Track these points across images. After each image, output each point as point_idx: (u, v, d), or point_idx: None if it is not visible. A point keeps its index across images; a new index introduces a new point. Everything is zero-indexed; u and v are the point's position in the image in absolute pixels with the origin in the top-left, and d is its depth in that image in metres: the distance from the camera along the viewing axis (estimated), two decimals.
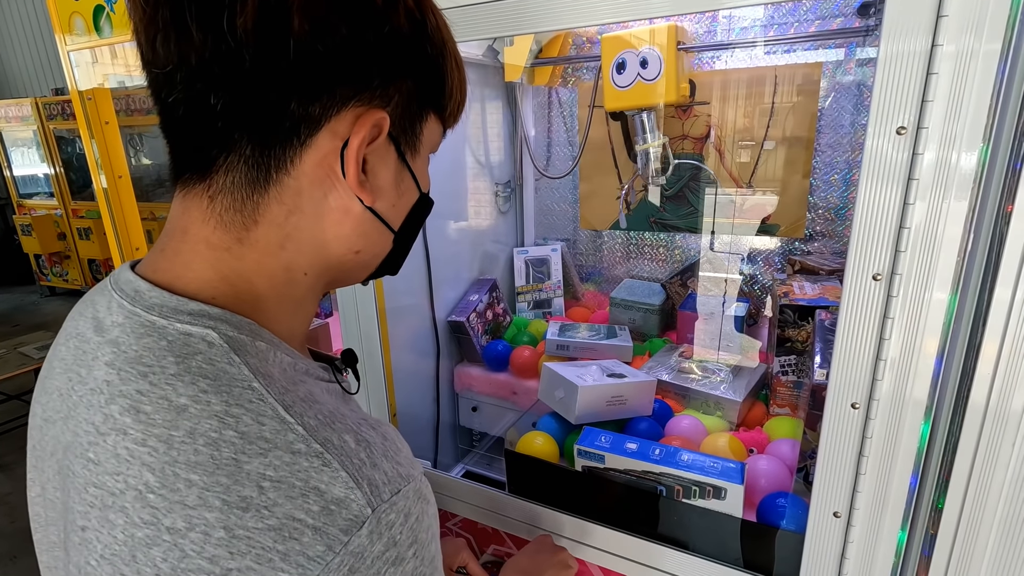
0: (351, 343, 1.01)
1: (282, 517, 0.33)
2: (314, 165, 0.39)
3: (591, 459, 0.86)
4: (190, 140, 0.38)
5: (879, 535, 0.66)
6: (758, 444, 0.95)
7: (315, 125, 0.38)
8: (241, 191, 0.39)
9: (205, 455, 0.33)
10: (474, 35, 0.72)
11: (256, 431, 0.34)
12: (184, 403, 0.35)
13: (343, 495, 0.34)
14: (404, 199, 0.46)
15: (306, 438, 0.35)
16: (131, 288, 0.40)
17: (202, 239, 0.40)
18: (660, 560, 0.81)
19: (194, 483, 0.33)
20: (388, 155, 0.42)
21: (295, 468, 0.34)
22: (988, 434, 0.56)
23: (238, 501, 0.33)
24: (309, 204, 0.40)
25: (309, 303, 0.45)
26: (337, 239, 0.42)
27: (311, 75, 0.36)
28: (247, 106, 0.36)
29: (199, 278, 0.39)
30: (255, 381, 0.36)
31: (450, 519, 1.02)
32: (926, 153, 0.53)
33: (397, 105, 0.41)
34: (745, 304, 1.26)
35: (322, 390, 0.42)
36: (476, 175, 1.44)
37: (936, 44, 0.51)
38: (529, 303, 1.55)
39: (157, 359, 0.36)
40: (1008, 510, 0.57)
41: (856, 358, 0.61)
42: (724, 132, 1.29)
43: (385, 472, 0.37)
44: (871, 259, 0.58)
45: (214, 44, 0.34)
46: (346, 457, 0.36)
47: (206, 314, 0.38)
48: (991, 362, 0.54)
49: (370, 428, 0.40)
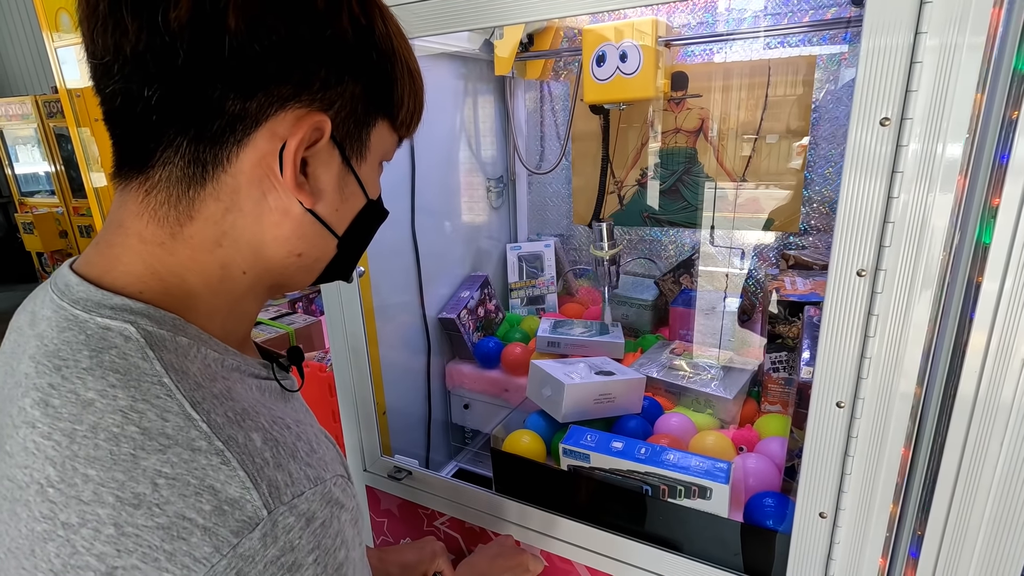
0: (337, 341, 1.01)
1: (172, 516, 0.32)
2: (252, 164, 0.39)
3: (576, 458, 0.85)
4: (128, 133, 0.38)
5: (865, 536, 0.65)
6: (748, 442, 0.94)
7: (253, 123, 0.37)
8: (178, 186, 0.38)
9: (104, 450, 0.33)
10: (447, 28, 0.71)
11: (159, 427, 0.34)
12: (91, 397, 0.34)
13: (238, 495, 0.34)
14: (348, 204, 0.45)
15: (208, 435, 0.35)
16: (63, 282, 0.40)
17: (135, 233, 0.39)
18: (647, 560, 0.80)
19: (91, 478, 0.33)
20: (331, 159, 0.42)
21: (192, 465, 0.33)
22: (975, 432, 0.55)
23: (131, 498, 0.32)
24: (247, 203, 0.40)
25: (249, 303, 0.45)
26: (276, 240, 0.42)
27: (247, 73, 0.36)
28: (182, 101, 0.36)
29: (128, 272, 0.39)
30: (166, 377, 0.36)
31: (438, 518, 1.01)
32: (910, 145, 0.52)
33: (341, 109, 0.40)
34: (739, 300, 1.24)
35: (250, 387, 0.41)
36: (468, 170, 1.42)
37: (920, 32, 0.49)
38: (522, 299, 1.54)
39: (72, 352, 0.36)
40: (996, 509, 0.56)
41: (841, 356, 0.59)
42: (717, 125, 1.27)
43: (290, 473, 0.36)
44: (855, 255, 0.56)
45: (148, 37, 0.34)
46: (247, 456, 0.35)
47: (128, 308, 0.37)
48: (978, 357, 0.53)
49: (284, 427, 0.39)
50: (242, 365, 0.42)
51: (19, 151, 5.33)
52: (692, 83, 1.26)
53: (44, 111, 4.96)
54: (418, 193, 1.22)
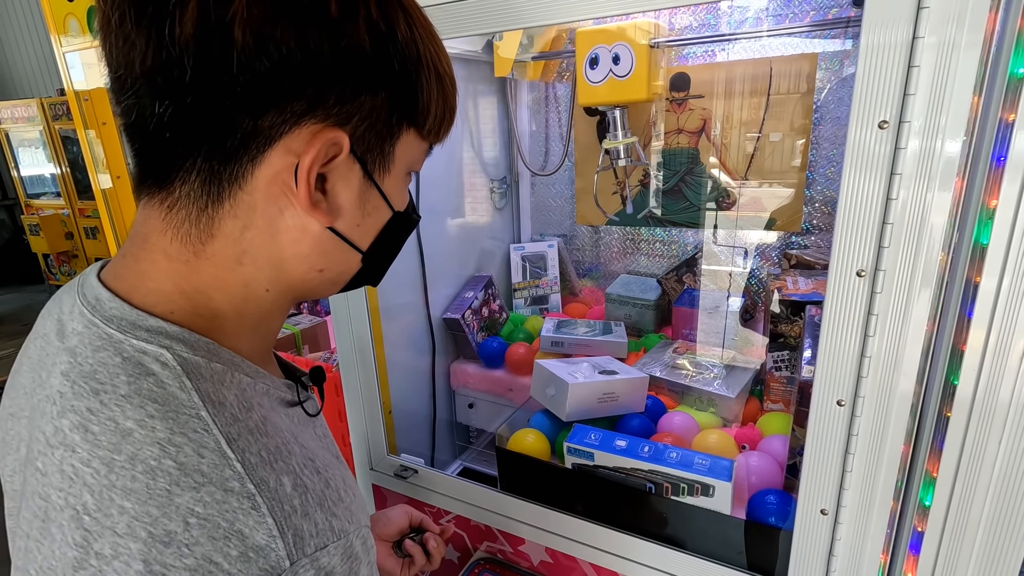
0: (343, 342, 1.02)
1: (200, 558, 0.32)
2: (267, 181, 0.38)
3: (580, 456, 0.86)
4: (145, 148, 0.38)
5: (866, 532, 0.65)
6: (750, 440, 0.94)
7: (266, 141, 0.37)
8: (197, 203, 0.38)
9: (142, 483, 0.33)
10: (456, 32, 0.72)
11: (195, 463, 0.34)
12: (130, 427, 0.34)
13: (264, 543, 0.34)
14: (372, 219, 0.44)
15: (242, 476, 0.35)
16: (93, 295, 0.40)
17: (160, 250, 0.39)
18: (651, 557, 0.81)
19: (126, 510, 0.33)
20: (351, 174, 0.40)
21: (224, 507, 0.34)
22: (974, 430, 0.56)
23: (163, 535, 0.32)
24: (264, 220, 0.39)
25: (274, 319, 0.45)
26: (296, 257, 0.41)
27: (257, 89, 0.35)
28: (193, 118, 0.35)
29: (157, 290, 0.39)
30: (203, 410, 0.36)
31: (443, 516, 1.02)
32: (908, 147, 0.52)
33: (360, 123, 0.39)
34: (742, 299, 1.25)
35: (280, 414, 0.41)
36: (472, 171, 1.43)
37: (917, 36, 0.50)
38: (526, 299, 1.55)
39: (110, 376, 0.36)
40: (995, 506, 0.57)
41: (841, 355, 0.60)
42: (719, 125, 1.28)
43: (316, 523, 0.36)
44: (855, 255, 0.57)
45: (155, 52, 0.34)
46: (277, 502, 0.35)
47: (163, 332, 0.37)
48: (977, 355, 0.54)
49: (314, 472, 0.39)
50: (271, 389, 0.42)
51: (25, 153, 5.36)
52: (694, 84, 1.27)
53: (49, 113, 5.00)
54: (422, 194, 1.23)
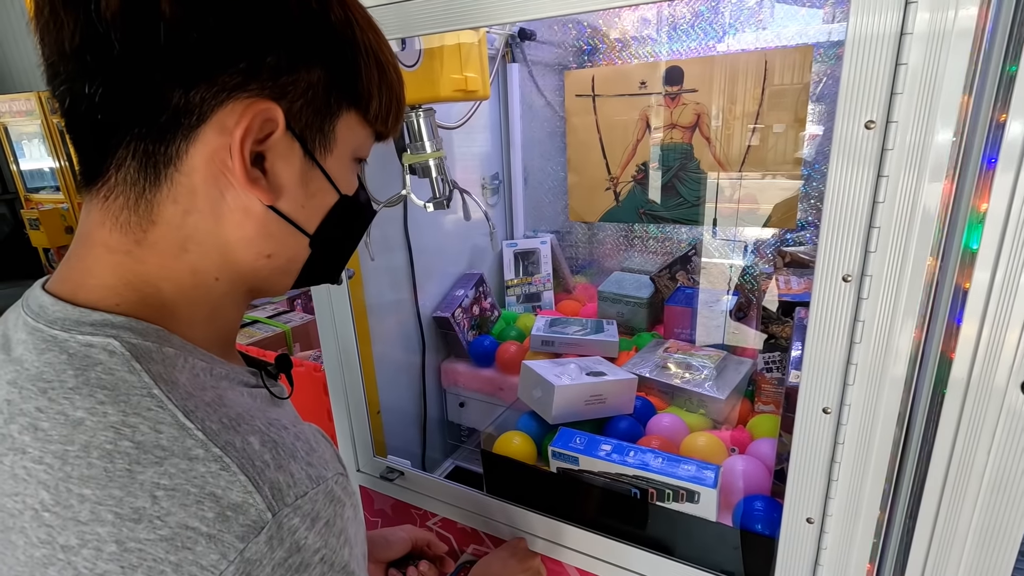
0: (327, 342, 1.00)
1: (175, 526, 0.32)
2: (204, 161, 0.37)
3: (565, 461, 0.84)
4: (81, 136, 0.37)
5: (853, 542, 0.64)
6: (740, 443, 0.93)
7: (199, 116, 0.36)
8: (134, 188, 0.37)
9: (99, 468, 0.32)
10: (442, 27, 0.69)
11: (152, 439, 0.33)
12: (80, 416, 0.34)
13: (240, 500, 0.33)
14: (316, 200, 0.43)
15: (205, 443, 0.34)
16: (36, 304, 0.39)
17: (101, 243, 0.38)
18: (637, 563, 0.80)
19: (87, 498, 0.32)
20: (291, 152, 0.39)
21: (191, 475, 0.33)
22: (962, 439, 0.54)
23: (130, 513, 0.32)
24: (206, 203, 0.38)
25: (228, 309, 0.43)
26: (241, 241, 0.40)
27: (186, 62, 0.34)
28: (123, 96, 0.34)
29: (102, 285, 0.38)
30: (155, 388, 0.35)
31: (430, 518, 1.01)
32: (895, 149, 0.50)
33: (297, 98, 0.38)
34: (735, 297, 1.23)
35: (241, 393, 0.40)
36: (463, 167, 1.41)
37: (905, 32, 0.47)
38: (519, 296, 1.53)
39: (57, 374, 0.35)
40: (983, 516, 0.55)
41: (827, 362, 0.59)
42: (714, 120, 1.25)
43: (291, 473, 0.36)
44: (841, 260, 0.55)
45: (84, 30, 0.33)
46: (247, 459, 0.34)
47: (109, 323, 0.36)
48: (966, 363, 0.52)
49: (281, 428, 0.38)
50: (231, 373, 0.41)
51: (24, 147, 5.36)
52: (687, 78, 1.24)
53: (48, 107, 4.98)
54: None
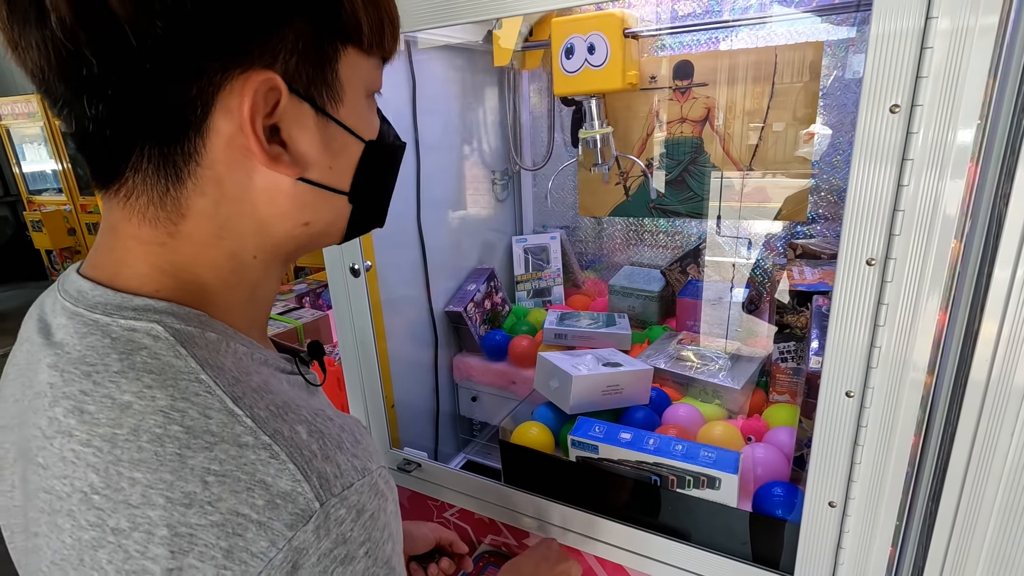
0: (345, 335, 1.01)
1: (226, 512, 0.32)
2: (223, 150, 0.36)
3: (585, 449, 0.85)
4: (87, 145, 0.36)
5: (875, 525, 0.64)
6: (756, 432, 0.94)
7: (203, 107, 0.34)
8: (156, 189, 0.36)
9: (149, 452, 0.32)
10: (446, 21, 0.70)
11: (202, 425, 0.33)
12: (128, 400, 0.34)
13: (290, 488, 0.33)
14: (343, 157, 0.41)
15: (254, 430, 0.34)
16: (74, 289, 0.39)
17: (130, 236, 0.38)
18: (656, 550, 0.81)
19: (138, 481, 0.32)
20: (303, 115, 0.37)
21: (241, 461, 0.33)
22: (986, 422, 0.55)
23: (181, 497, 0.32)
24: (234, 190, 0.37)
25: (267, 285, 0.43)
26: (276, 216, 0.40)
27: (165, 59, 0.32)
28: (124, 108, 0.33)
29: (138, 273, 0.38)
30: (203, 373, 0.35)
31: (448, 509, 1.02)
32: (920, 132, 0.51)
33: (289, 56, 0.35)
34: (746, 290, 1.23)
35: (280, 380, 0.40)
36: (473, 163, 1.42)
37: (931, 16, 0.48)
38: (529, 292, 1.54)
39: (100, 357, 0.35)
40: (1007, 499, 0.56)
41: (850, 346, 0.59)
42: (724, 114, 1.26)
43: (338, 464, 0.36)
44: (864, 244, 0.56)
45: (54, 51, 0.32)
46: (296, 449, 0.34)
47: (151, 308, 0.36)
48: (990, 346, 0.53)
49: (327, 419, 0.38)
50: (269, 359, 0.41)
51: (26, 149, 5.36)
52: (697, 72, 1.25)
53: (49, 109, 4.99)
54: (423, 187, 1.21)
